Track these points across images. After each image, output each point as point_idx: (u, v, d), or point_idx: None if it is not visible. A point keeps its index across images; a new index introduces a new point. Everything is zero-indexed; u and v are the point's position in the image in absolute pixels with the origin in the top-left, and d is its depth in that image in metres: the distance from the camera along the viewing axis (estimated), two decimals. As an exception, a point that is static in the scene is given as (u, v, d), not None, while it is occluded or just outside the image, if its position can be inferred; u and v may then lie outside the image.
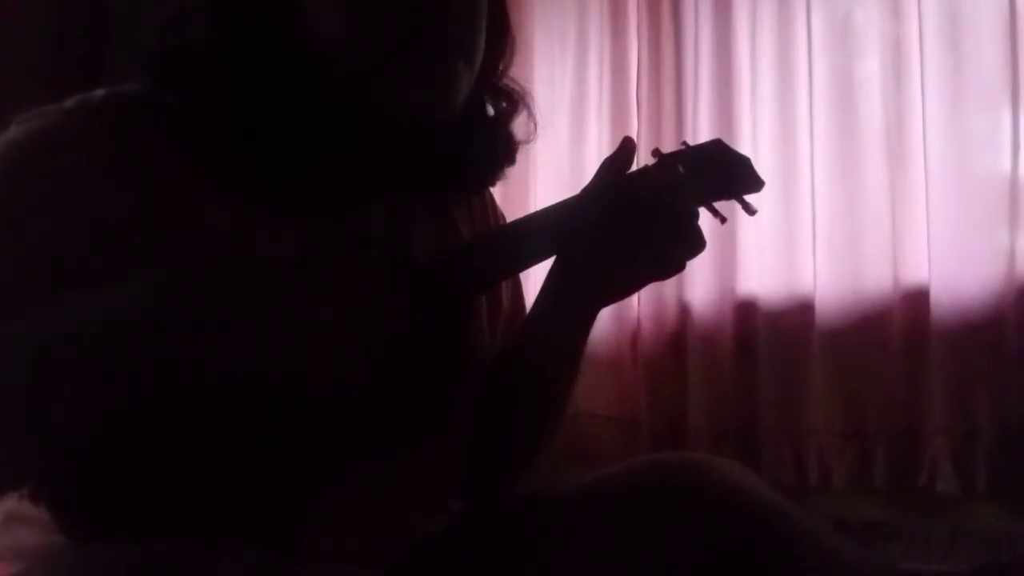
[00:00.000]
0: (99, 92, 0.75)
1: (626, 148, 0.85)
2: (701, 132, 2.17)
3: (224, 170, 0.73)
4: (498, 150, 0.87)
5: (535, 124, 0.91)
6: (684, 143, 0.87)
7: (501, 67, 0.87)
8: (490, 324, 0.92)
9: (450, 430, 0.86)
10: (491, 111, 0.87)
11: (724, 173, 0.86)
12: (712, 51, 2.21)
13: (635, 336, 2.23)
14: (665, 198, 0.80)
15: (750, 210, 0.86)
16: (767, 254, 2.08)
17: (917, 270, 1.95)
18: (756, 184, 0.86)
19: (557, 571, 0.80)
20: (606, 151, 2.45)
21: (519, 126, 0.90)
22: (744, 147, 2.10)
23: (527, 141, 0.91)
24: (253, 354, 0.63)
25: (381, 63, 0.74)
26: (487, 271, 0.84)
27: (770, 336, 2.09)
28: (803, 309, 2.07)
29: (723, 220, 0.86)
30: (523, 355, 0.89)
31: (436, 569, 0.83)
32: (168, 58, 0.75)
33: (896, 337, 1.97)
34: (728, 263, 2.09)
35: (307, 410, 0.69)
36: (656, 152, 0.86)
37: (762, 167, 0.88)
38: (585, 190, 0.85)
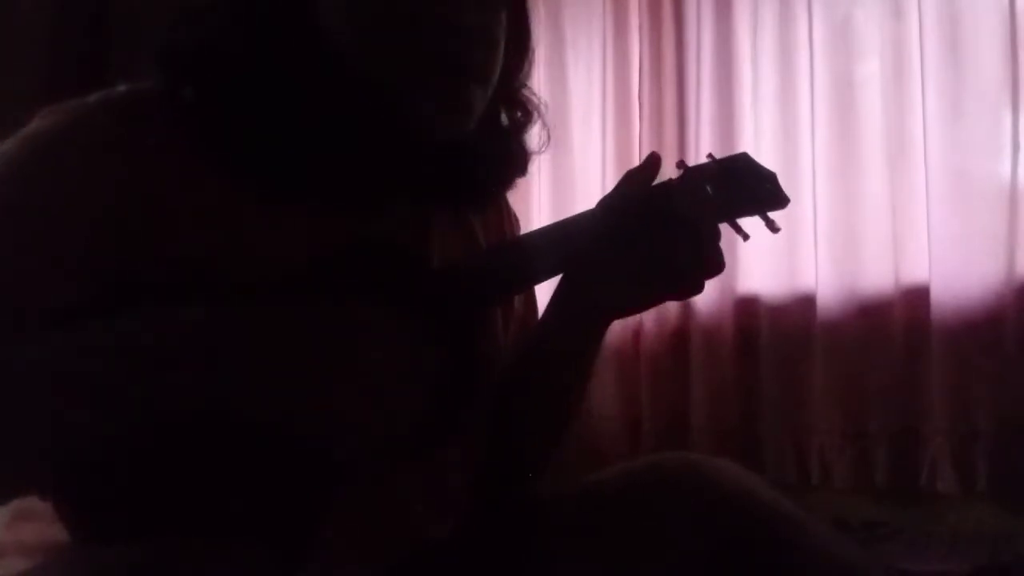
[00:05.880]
0: (121, 88, 0.75)
1: (651, 163, 0.83)
2: (703, 132, 2.17)
3: (238, 167, 0.73)
4: (510, 161, 0.87)
5: (548, 135, 0.90)
6: (710, 156, 0.84)
7: (520, 77, 0.86)
8: (502, 327, 0.91)
9: (462, 434, 0.86)
10: (505, 121, 0.86)
11: (750, 189, 0.83)
12: (713, 52, 2.21)
13: (637, 334, 2.23)
14: (687, 215, 0.79)
15: (773, 228, 0.83)
16: (769, 254, 2.09)
17: (917, 269, 1.96)
18: (781, 201, 0.83)
19: (557, 571, 0.80)
20: (608, 151, 2.48)
21: (532, 136, 0.89)
22: (745, 147, 2.10)
23: (539, 152, 0.90)
24: (279, 386, 0.65)
25: (395, 83, 0.74)
26: (506, 282, 0.83)
27: (772, 336, 2.10)
28: (804, 309, 2.07)
29: (746, 237, 0.84)
30: (534, 363, 0.89)
31: (436, 569, 0.83)
32: (185, 54, 0.75)
33: (897, 337, 1.97)
34: (730, 262, 2.07)
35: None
36: (681, 164, 0.83)
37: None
38: (604, 200, 0.83)
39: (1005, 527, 1.84)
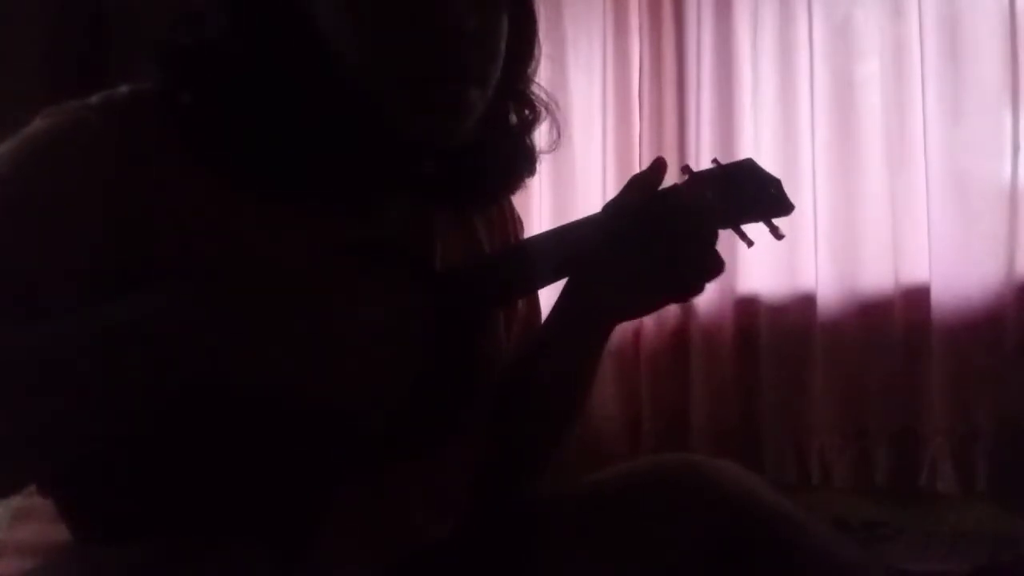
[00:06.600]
0: (123, 89, 0.75)
1: (656, 169, 0.83)
2: (703, 132, 2.17)
3: (238, 168, 0.73)
4: (517, 161, 0.86)
5: (559, 133, 0.89)
6: (715, 161, 0.84)
7: (527, 74, 0.85)
8: (505, 328, 0.91)
9: (463, 435, 0.86)
10: (514, 119, 0.85)
11: (754, 195, 0.83)
12: (713, 52, 2.21)
13: (637, 334, 2.23)
14: (691, 223, 0.79)
15: (778, 234, 0.83)
16: (769, 253, 2.09)
17: (917, 269, 1.96)
18: (786, 208, 0.83)
19: (557, 571, 0.80)
20: (608, 151, 2.48)
21: (542, 135, 0.88)
22: (745, 147, 2.11)
23: (550, 150, 0.90)
24: (277, 369, 0.64)
25: (393, 89, 0.74)
26: (509, 287, 0.83)
27: (772, 336, 2.10)
28: (805, 309, 2.07)
29: (750, 244, 0.84)
30: (535, 364, 0.89)
31: (436, 569, 0.83)
32: (184, 56, 0.75)
33: (897, 337, 1.97)
34: (730, 262, 2.07)
35: (329, 425, 0.69)
36: (686, 169, 0.83)
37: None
38: (608, 204, 0.83)
39: (1005, 527, 1.84)
